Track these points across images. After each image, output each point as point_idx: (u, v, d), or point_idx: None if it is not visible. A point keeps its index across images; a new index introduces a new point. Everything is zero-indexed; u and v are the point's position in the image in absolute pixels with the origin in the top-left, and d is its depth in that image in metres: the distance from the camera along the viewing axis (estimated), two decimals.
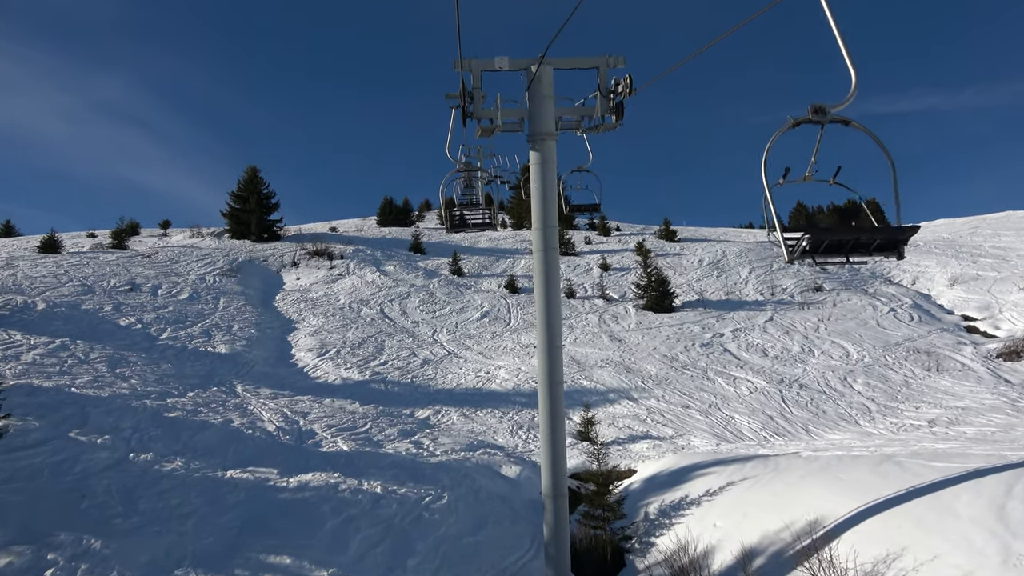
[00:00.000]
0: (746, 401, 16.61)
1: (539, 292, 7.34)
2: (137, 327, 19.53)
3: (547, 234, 7.32)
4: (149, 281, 24.43)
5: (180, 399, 13.75)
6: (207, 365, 17.39)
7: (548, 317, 7.37)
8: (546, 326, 7.38)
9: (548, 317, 7.37)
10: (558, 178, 34.48)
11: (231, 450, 10.92)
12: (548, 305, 7.36)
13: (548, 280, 7.34)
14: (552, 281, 7.36)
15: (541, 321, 7.38)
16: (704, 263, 31.21)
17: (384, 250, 33.52)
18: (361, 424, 14.10)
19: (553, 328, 7.41)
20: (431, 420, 15.43)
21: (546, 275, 7.33)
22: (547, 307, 7.37)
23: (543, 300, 7.35)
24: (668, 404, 16.57)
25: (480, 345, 21.79)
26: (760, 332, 22.48)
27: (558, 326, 7.44)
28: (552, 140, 7.33)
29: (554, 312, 7.40)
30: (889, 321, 23.20)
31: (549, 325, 7.38)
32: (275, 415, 13.92)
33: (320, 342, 21.06)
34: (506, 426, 15.25)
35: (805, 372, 18.61)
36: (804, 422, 15.24)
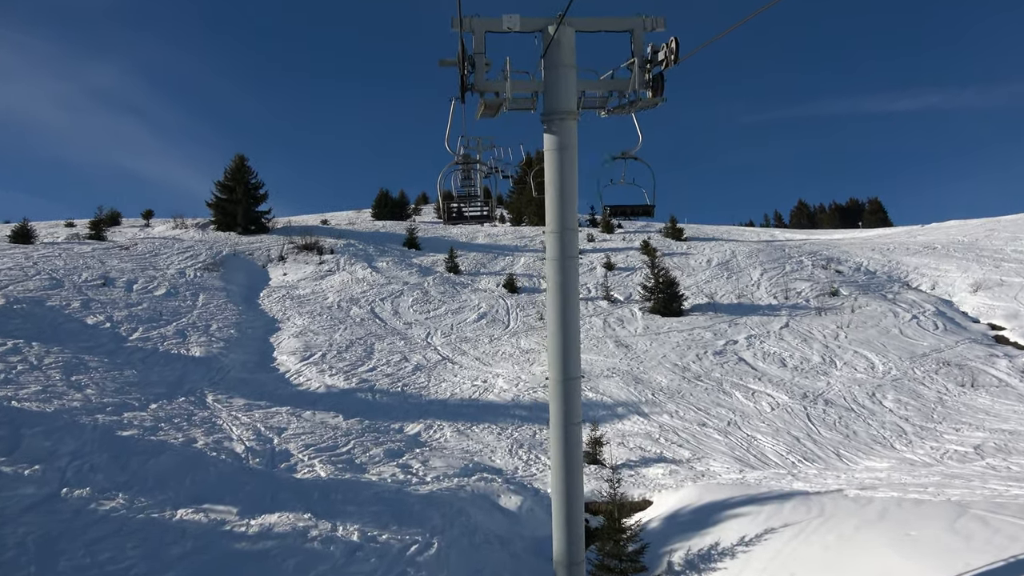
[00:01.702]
0: (768, 419, 15.15)
1: (553, 311, 5.85)
2: (105, 326, 18.01)
3: (564, 239, 5.82)
4: (124, 275, 22.89)
5: (139, 413, 12.23)
6: (177, 371, 15.88)
7: (564, 342, 5.88)
8: (561, 353, 5.89)
9: (564, 342, 5.88)
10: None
11: (188, 480, 9.41)
12: (564, 327, 5.87)
13: (564, 296, 5.84)
14: (569, 298, 5.86)
15: (555, 347, 5.88)
16: (713, 264, 29.74)
17: (377, 245, 31.96)
18: (343, 443, 12.61)
19: (570, 355, 5.91)
20: (422, 436, 13.96)
21: (562, 290, 5.83)
22: (563, 329, 5.87)
23: (558, 321, 5.85)
24: (683, 421, 15.11)
25: (477, 350, 20.31)
26: (776, 339, 21.03)
27: (576, 353, 5.95)
28: (573, 120, 5.83)
29: (571, 335, 5.91)
30: (913, 330, 21.76)
31: (565, 352, 5.89)
32: (247, 432, 12.42)
33: (305, 344, 19.55)
34: (505, 444, 13.79)
35: (829, 386, 17.16)
36: (834, 445, 13.80)
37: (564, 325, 5.86)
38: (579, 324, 6.01)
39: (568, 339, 5.87)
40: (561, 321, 5.85)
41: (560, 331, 5.87)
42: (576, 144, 5.86)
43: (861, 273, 28.49)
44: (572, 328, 5.89)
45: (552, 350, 5.90)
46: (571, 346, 5.89)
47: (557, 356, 5.89)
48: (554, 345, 5.88)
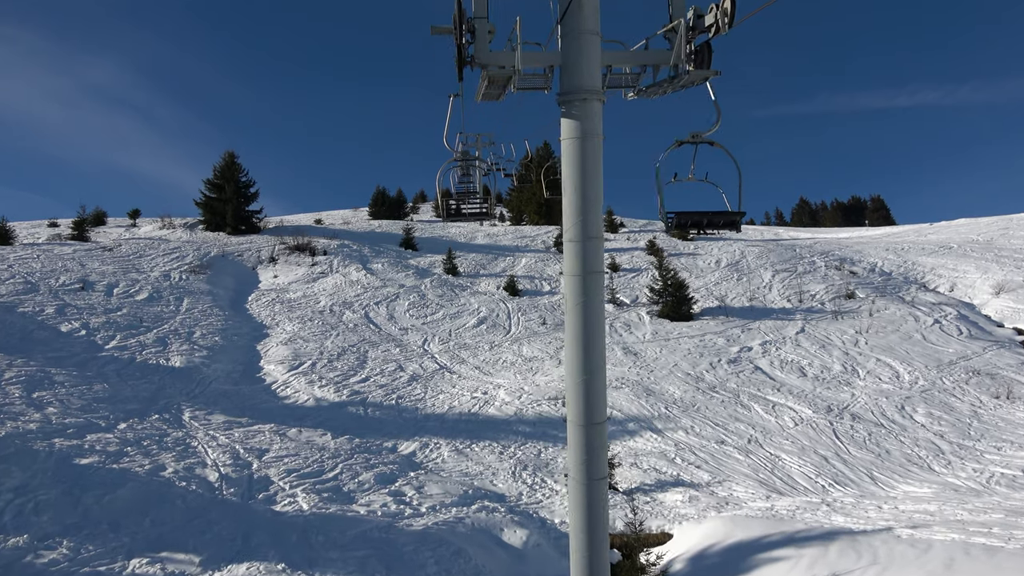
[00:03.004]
0: (792, 436, 14.02)
1: (573, 341, 4.69)
2: (80, 334, 16.85)
3: (587, 251, 4.68)
4: (105, 278, 21.71)
5: (104, 435, 11.08)
6: (154, 383, 14.72)
7: (586, 379, 4.72)
8: (583, 393, 4.74)
9: (586, 379, 4.72)
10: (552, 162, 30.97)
11: (148, 519, 8.27)
12: (586, 360, 4.71)
13: (587, 323, 4.68)
14: (593, 324, 4.71)
15: (576, 385, 4.73)
16: (722, 265, 28.57)
17: (372, 245, 30.77)
18: (330, 466, 11.45)
19: (593, 395, 4.76)
20: (417, 456, 12.82)
21: (584, 315, 4.68)
22: (585, 363, 4.72)
23: (579, 353, 4.70)
24: (699, 438, 13.97)
25: (476, 358, 19.15)
26: (793, 346, 19.89)
27: (601, 392, 4.80)
28: (598, 102, 4.67)
29: (595, 370, 4.75)
30: (936, 335, 20.62)
31: (588, 392, 4.74)
32: (223, 455, 11.27)
33: (294, 352, 18.39)
34: (507, 466, 12.65)
35: (854, 398, 16.01)
36: (866, 466, 12.66)
37: (586, 358, 4.70)
38: (604, 356, 4.85)
39: (592, 375, 4.72)
40: (583, 353, 4.69)
41: (582, 365, 4.71)
42: (601, 131, 4.71)
43: (876, 274, 27.34)
44: (596, 361, 4.73)
45: (572, 389, 4.74)
46: (595, 384, 4.73)
47: (578, 397, 4.73)
48: (574, 382, 4.73)
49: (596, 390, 4.76)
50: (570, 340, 4.73)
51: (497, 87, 4.86)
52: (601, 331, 4.76)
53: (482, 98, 5.14)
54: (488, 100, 5.28)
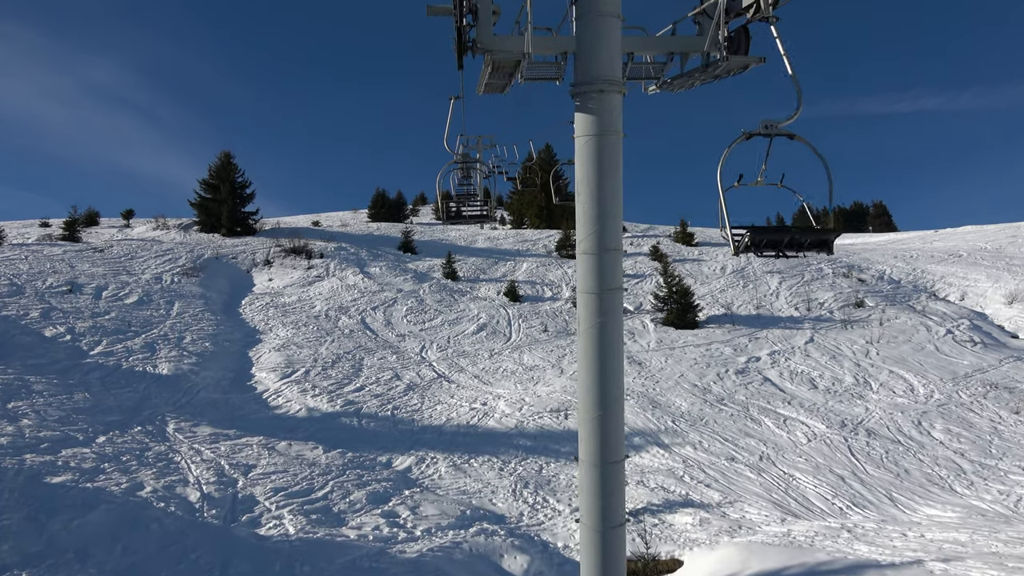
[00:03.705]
0: (805, 453, 13.39)
1: (587, 367, 4.09)
2: (65, 339, 16.24)
3: (604, 265, 4.08)
4: (94, 280, 21.10)
5: (81, 450, 10.46)
6: (139, 392, 14.11)
7: (602, 412, 4.12)
8: (598, 428, 4.14)
9: (602, 412, 4.12)
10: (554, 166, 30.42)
11: (119, 547, 7.63)
12: (602, 390, 4.11)
13: (603, 346, 4.08)
14: (609, 348, 4.11)
15: (589, 418, 4.13)
16: (727, 271, 27.95)
17: (370, 248, 30.16)
18: (320, 484, 10.83)
19: (610, 430, 4.16)
20: (413, 472, 12.20)
21: (600, 337, 4.07)
22: (600, 393, 4.11)
23: (593, 384, 4.10)
24: (708, 454, 13.35)
25: (476, 366, 18.53)
26: (802, 356, 19.28)
27: (619, 427, 4.19)
28: (617, 94, 4.08)
29: (612, 402, 4.15)
30: (949, 346, 20.01)
31: (604, 426, 4.13)
32: (207, 471, 10.65)
33: (287, 359, 17.76)
34: (507, 483, 12.02)
35: (868, 412, 15.39)
36: (885, 486, 12.03)
37: (603, 388, 4.10)
38: (623, 386, 4.24)
39: (608, 409, 4.12)
40: (598, 383, 4.09)
41: (597, 398, 4.11)
42: (621, 128, 4.10)
43: (885, 282, 26.74)
44: (613, 393, 4.13)
45: (585, 424, 4.14)
46: (612, 419, 4.13)
47: (592, 433, 4.13)
48: (588, 417, 4.12)
49: (613, 425, 4.16)
50: (584, 367, 4.12)
51: (502, 76, 4.26)
52: (619, 357, 4.15)
53: (484, 89, 4.55)
54: (491, 92, 4.69)
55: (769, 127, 4.24)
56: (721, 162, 4.13)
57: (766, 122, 4.22)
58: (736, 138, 4.22)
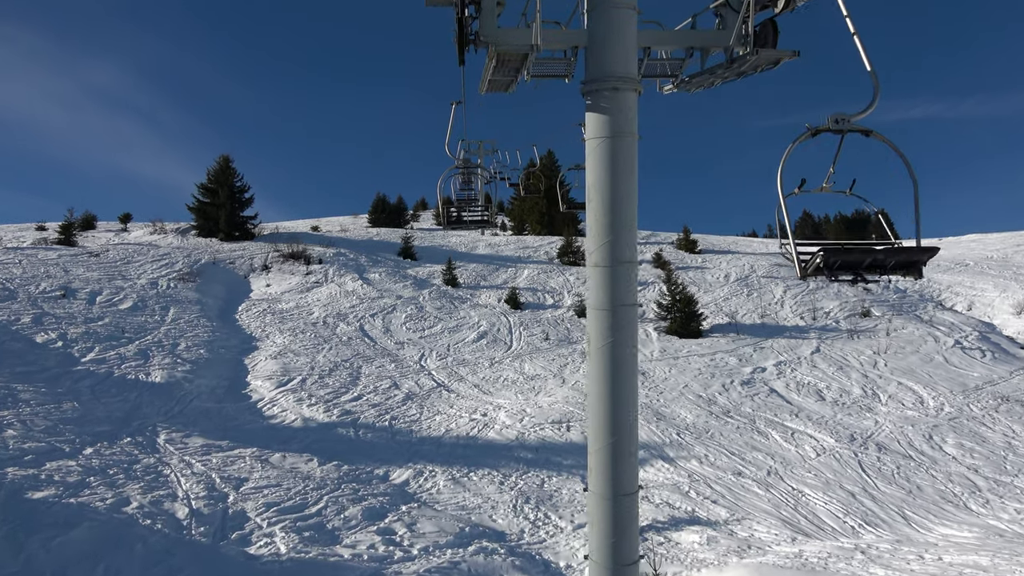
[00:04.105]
0: (814, 467, 13.02)
1: (598, 393, 3.75)
2: (56, 345, 15.91)
3: (617, 279, 3.74)
4: (89, 285, 20.78)
5: (66, 463, 10.10)
6: (130, 401, 13.76)
7: (614, 441, 3.77)
8: (609, 459, 3.79)
9: (614, 441, 3.77)
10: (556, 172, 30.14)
11: (102, 567, 7.28)
12: (614, 418, 3.76)
13: (616, 368, 3.74)
14: (623, 370, 3.76)
15: (601, 447, 3.78)
16: (731, 279, 27.61)
17: (370, 254, 29.83)
18: (314, 499, 10.46)
19: (622, 461, 3.81)
20: (410, 486, 11.82)
21: (612, 359, 3.73)
22: (612, 421, 3.77)
23: (604, 409, 3.75)
24: (715, 469, 12.97)
25: (476, 375, 18.17)
26: (808, 367, 18.92)
27: (632, 458, 3.83)
28: (632, 92, 3.75)
29: (625, 430, 3.81)
30: (958, 357, 19.66)
31: (615, 456, 3.79)
32: (197, 485, 10.28)
33: (283, 367, 17.41)
34: (508, 498, 11.64)
35: (878, 426, 15.02)
36: (897, 503, 11.66)
37: (615, 413, 3.75)
38: (636, 410, 3.89)
39: (621, 435, 3.76)
40: (610, 407, 3.74)
41: (609, 423, 3.75)
42: (636, 129, 3.76)
43: (891, 291, 26.39)
44: (626, 418, 3.78)
45: (597, 452, 3.79)
46: (625, 446, 3.78)
47: (604, 462, 3.78)
48: (600, 444, 3.77)
49: (626, 453, 3.81)
50: (594, 390, 3.77)
51: (507, 72, 3.92)
52: (633, 379, 3.81)
53: (488, 87, 4.21)
54: (495, 91, 4.35)
55: (841, 121, 3.71)
56: (782, 163, 3.71)
57: (837, 116, 3.71)
58: (800, 135, 3.71)
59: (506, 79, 4.06)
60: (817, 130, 3.76)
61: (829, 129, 3.73)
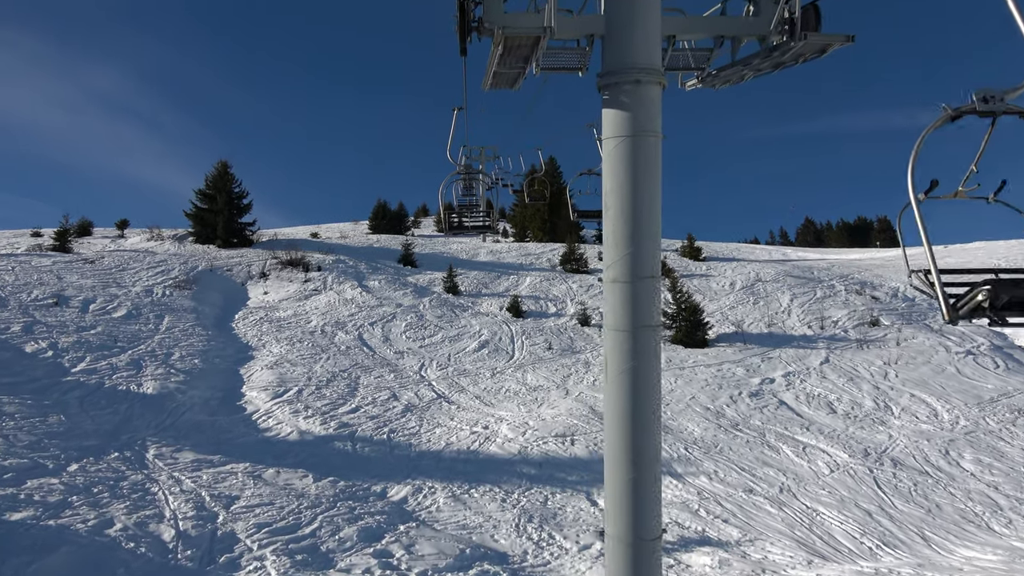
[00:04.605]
0: (828, 484, 12.55)
1: (617, 425, 3.33)
2: (46, 355, 15.48)
3: (639, 296, 3.32)
4: (82, 293, 20.36)
5: (49, 481, 9.66)
6: (119, 414, 13.32)
7: (636, 479, 3.32)
8: (631, 498, 3.37)
9: (636, 479, 3.32)
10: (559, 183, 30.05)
11: None
12: (637, 453, 3.33)
13: (637, 398, 3.31)
14: (645, 399, 3.33)
15: (620, 487, 3.36)
16: (737, 287, 27.17)
17: (369, 261, 29.42)
18: (308, 518, 10.01)
19: (645, 499, 3.38)
20: (409, 504, 11.36)
21: (633, 387, 3.29)
22: (634, 456, 3.34)
23: (624, 442, 3.33)
24: (724, 485, 12.51)
25: (477, 386, 17.72)
26: (818, 377, 18.46)
27: (655, 497, 3.40)
28: (656, 85, 3.31)
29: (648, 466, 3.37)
30: (971, 368, 19.19)
31: (636, 495, 3.36)
32: (186, 504, 9.84)
33: (279, 377, 16.97)
34: (510, 516, 11.18)
35: (892, 440, 14.56)
36: (916, 523, 11.18)
37: (636, 447, 3.32)
38: (660, 444, 3.45)
39: (643, 470, 3.33)
40: (631, 441, 3.31)
41: (630, 458, 3.32)
42: (660, 128, 3.34)
43: (899, 299, 25.92)
44: (649, 452, 3.34)
45: (614, 491, 3.35)
46: (647, 484, 3.35)
47: (623, 502, 3.34)
48: (619, 481, 3.34)
49: (648, 493, 3.37)
50: (613, 421, 3.34)
51: (514, 62, 3.50)
52: (656, 409, 3.37)
53: (492, 82, 3.79)
54: (500, 87, 3.94)
55: (991, 100, 2.79)
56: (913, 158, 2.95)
57: (985, 92, 2.80)
58: (936, 120, 2.89)
59: (513, 71, 3.65)
60: (959, 112, 2.93)
61: (975, 111, 2.87)
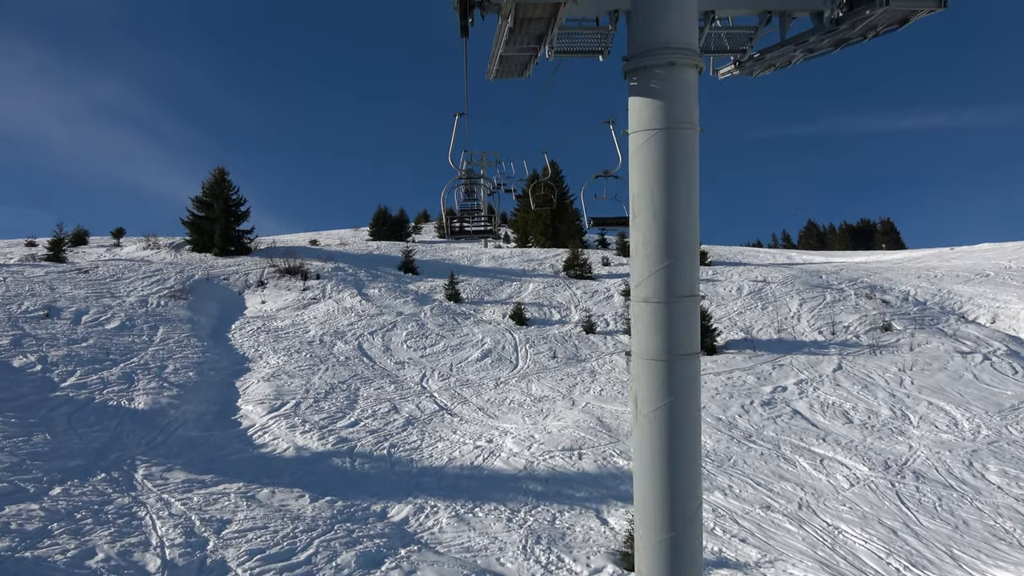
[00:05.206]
0: (849, 500, 11.98)
1: (651, 476, 2.79)
2: (35, 369, 14.98)
3: (676, 319, 2.80)
4: (75, 304, 19.86)
5: (28, 506, 9.13)
6: (109, 431, 12.80)
7: (675, 537, 2.78)
8: (668, 559, 2.80)
9: (675, 537, 2.78)
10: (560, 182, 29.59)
11: None
12: (676, 508, 2.80)
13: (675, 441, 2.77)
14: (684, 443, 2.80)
15: (653, 547, 2.80)
16: (744, 292, 26.61)
17: (369, 269, 28.90)
18: (304, 542, 9.47)
19: (685, 560, 2.82)
20: (410, 525, 10.81)
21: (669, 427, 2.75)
22: (673, 512, 2.80)
23: (661, 496, 2.80)
24: (740, 501, 11.95)
25: (480, 397, 17.18)
26: (831, 385, 17.89)
27: (697, 557, 2.85)
28: (692, 68, 2.77)
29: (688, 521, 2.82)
30: (988, 374, 18.62)
31: (675, 556, 2.80)
32: (175, 529, 9.30)
33: (276, 390, 16.44)
34: (516, 538, 10.62)
35: (912, 451, 13.99)
36: (944, 541, 10.61)
37: (675, 502, 2.79)
38: (701, 494, 2.92)
39: (681, 527, 2.81)
40: (667, 491, 2.78)
41: (665, 511, 2.80)
42: (697, 119, 2.81)
43: (910, 303, 25.37)
44: (689, 504, 2.82)
45: (647, 548, 2.84)
46: (688, 542, 2.82)
47: (659, 562, 2.80)
48: (651, 538, 2.82)
49: (688, 554, 2.83)
50: (644, 470, 2.82)
51: (524, 43, 2.98)
52: (697, 454, 2.84)
53: (498, 69, 3.28)
54: (506, 76, 3.43)
55: None
56: None
57: None
58: None
59: (522, 54, 3.14)
60: None
61: None
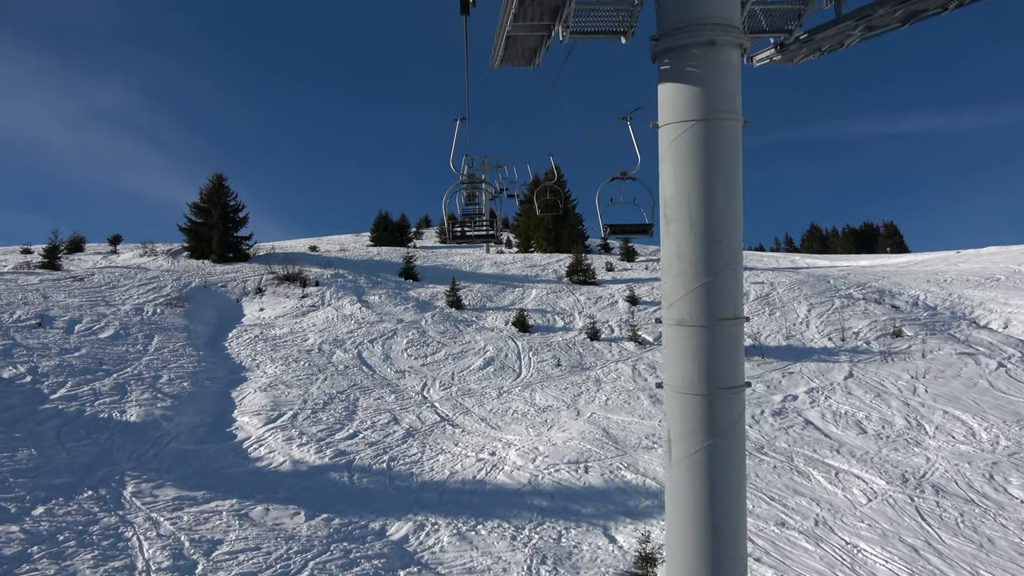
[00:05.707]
0: (867, 516, 11.50)
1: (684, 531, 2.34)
2: (24, 380, 14.56)
3: (717, 345, 2.37)
4: (68, 312, 19.44)
5: (8, 528, 8.70)
6: (99, 445, 12.36)
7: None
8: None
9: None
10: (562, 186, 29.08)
11: None
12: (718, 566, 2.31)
13: (717, 492, 2.31)
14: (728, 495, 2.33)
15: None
16: (751, 297, 26.15)
17: (370, 275, 28.47)
18: (298, 565, 9.02)
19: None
20: (409, 544, 10.36)
21: (711, 477, 2.30)
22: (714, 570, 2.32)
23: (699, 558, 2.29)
24: (754, 518, 11.46)
25: (483, 407, 16.72)
26: (843, 394, 17.42)
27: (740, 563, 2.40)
28: (736, 48, 2.32)
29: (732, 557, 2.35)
30: (1004, 382, 18.13)
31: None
32: (162, 551, 8.85)
33: (273, 401, 15.99)
34: (521, 557, 10.16)
35: (930, 464, 13.51)
36: (969, 561, 10.13)
37: (714, 558, 2.33)
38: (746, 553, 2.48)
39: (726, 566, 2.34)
40: (708, 549, 2.33)
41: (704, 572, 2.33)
42: (740, 109, 2.37)
43: (921, 309, 24.89)
44: (735, 564, 2.35)
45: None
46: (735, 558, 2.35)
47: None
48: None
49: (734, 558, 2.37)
50: (680, 521, 2.39)
51: (534, 22, 2.54)
52: (742, 504, 2.40)
53: (504, 53, 2.91)
54: (513, 63, 3.05)
55: None
56: None
57: None
58: None
59: (532, 36, 2.71)
60: None
61: None
